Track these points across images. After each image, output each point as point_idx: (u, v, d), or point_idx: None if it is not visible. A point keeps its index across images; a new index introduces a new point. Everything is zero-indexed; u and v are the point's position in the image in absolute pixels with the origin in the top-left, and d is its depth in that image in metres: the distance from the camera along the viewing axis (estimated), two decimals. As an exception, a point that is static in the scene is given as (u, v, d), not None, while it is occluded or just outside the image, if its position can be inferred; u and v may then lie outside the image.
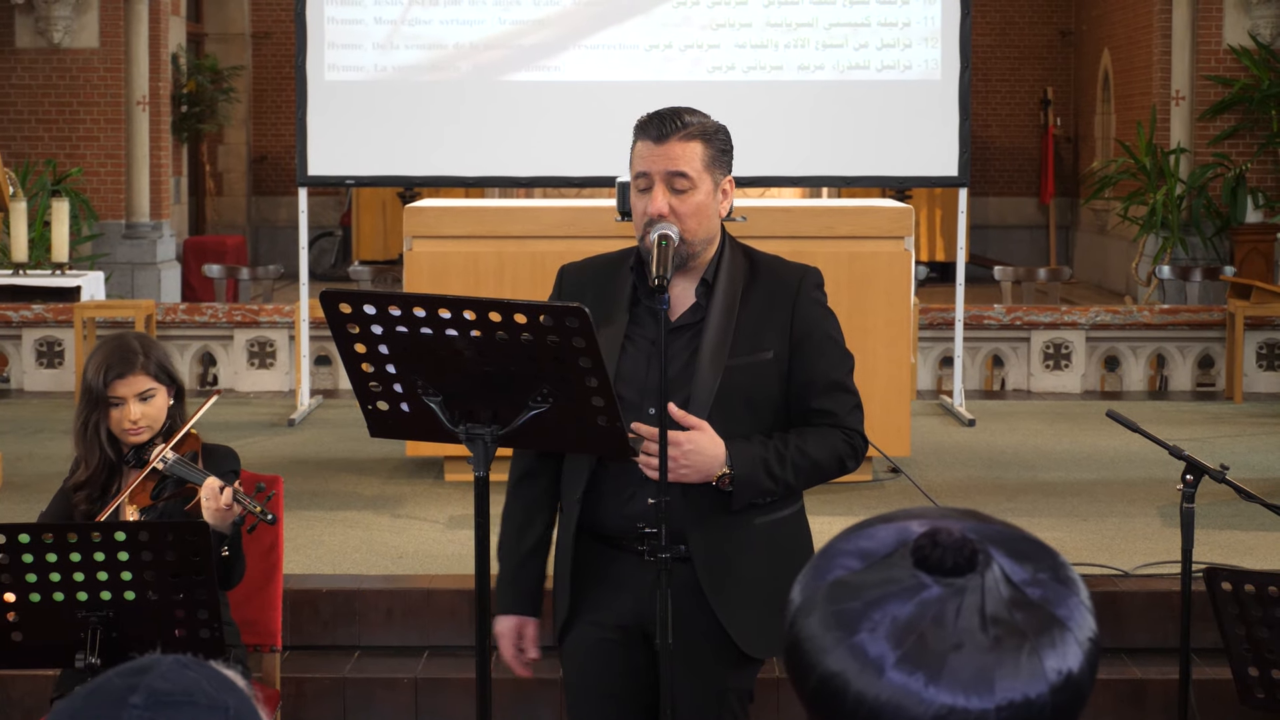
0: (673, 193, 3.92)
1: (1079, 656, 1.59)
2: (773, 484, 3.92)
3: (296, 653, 6.36)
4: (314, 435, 9.98)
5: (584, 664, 4.11)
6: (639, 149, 3.98)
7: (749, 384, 3.98)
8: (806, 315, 4.05)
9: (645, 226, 3.94)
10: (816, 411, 4.01)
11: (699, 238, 3.97)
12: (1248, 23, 16.36)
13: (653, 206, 3.92)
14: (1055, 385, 11.98)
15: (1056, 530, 7.48)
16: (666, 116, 3.97)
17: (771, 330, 4.01)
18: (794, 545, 4.08)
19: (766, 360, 4.00)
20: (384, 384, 3.76)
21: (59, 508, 4.81)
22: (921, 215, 20.00)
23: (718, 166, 3.98)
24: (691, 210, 3.93)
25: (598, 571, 4.06)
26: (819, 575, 1.64)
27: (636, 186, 3.98)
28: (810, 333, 4.04)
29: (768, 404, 4.01)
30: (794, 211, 8.81)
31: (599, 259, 4.18)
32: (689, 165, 3.93)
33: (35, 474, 8.62)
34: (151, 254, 17.22)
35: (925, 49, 9.97)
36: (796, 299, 4.05)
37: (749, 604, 3.99)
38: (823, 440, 3.99)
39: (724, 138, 4.01)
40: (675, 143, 3.93)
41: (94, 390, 4.75)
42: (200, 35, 21.98)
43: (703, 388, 3.96)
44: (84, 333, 11.45)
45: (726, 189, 4.02)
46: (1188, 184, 16.36)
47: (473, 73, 10.04)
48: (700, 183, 3.94)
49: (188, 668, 1.62)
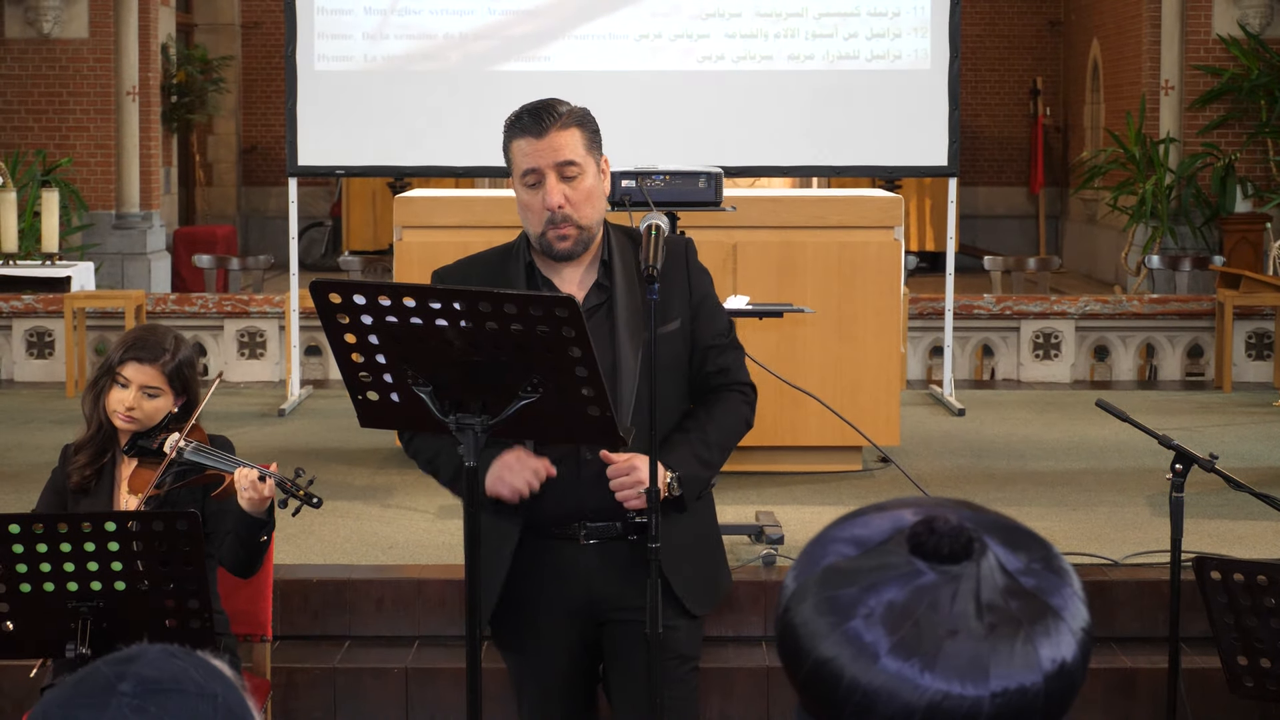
0: (564, 181, 4.02)
1: (1072, 646, 1.59)
2: (708, 471, 4.13)
3: (287, 643, 6.36)
4: (304, 425, 9.97)
5: (534, 657, 4.21)
6: (519, 147, 4.06)
7: (666, 353, 4.09)
8: (698, 281, 4.21)
9: (545, 224, 4.03)
10: (715, 371, 4.19)
11: (594, 220, 4.09)
12: (1236, 12, 16.36)
13: (550, 199, 4.01)
14: (1045, 375, 11.99)
15: (1046, 519, 7.48)
16: (540, 110, 4.07)
17: (674, 300, 4.14)
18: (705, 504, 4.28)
19: (674, 330, 4.14)
20: (374, 374, 3.76)
21: (59, 475, 4.83)
22: (911, 205, 20.01)
23: (595, 148, 4.10)
24: (584, 196, 4.04)
25: (540, 564, 4.14)
26: (813, 562, 1.64)
27: (525, 184, 4.06)
28: (705, 296, 4.21)
29: (681, 370, 4.18)
30: (784, 201, 8.81)
31: (475, 258, 4.24)
32: (574, 152, 4.03)
33: (25, 464, 8.62)
34: (142, 244, 17.20)
35: (915, 39, 9.96)
36: (688, 267, 4.20)
37: (683, 565, 4.15)
38: (728, 408, 4.19)
39: (593, 120, 4.13)
40: (556, 133, 4.03)
41: (109, 361, 4.79)
42: (190, 25, 21.95)
43: (626, 363, 4.06)
44: (74, 323, 11.44)
45: (604, 169, 4.13)
46: (1177, 174, 16.37)
47: (463, 63, 10.03)
48: (586, 167, 4.05)
49: (175, 656, 1.62)
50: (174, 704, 1.57)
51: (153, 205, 17.52)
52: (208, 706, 1.58)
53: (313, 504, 4.56)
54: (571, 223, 4.02)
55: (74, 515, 4.34)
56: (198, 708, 1.58)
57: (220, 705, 1.59)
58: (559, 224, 4.01)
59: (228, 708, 1.59)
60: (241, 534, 4.61)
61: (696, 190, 6.85)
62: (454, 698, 6.13)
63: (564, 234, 4.03)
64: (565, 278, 4.11)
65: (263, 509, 4.57)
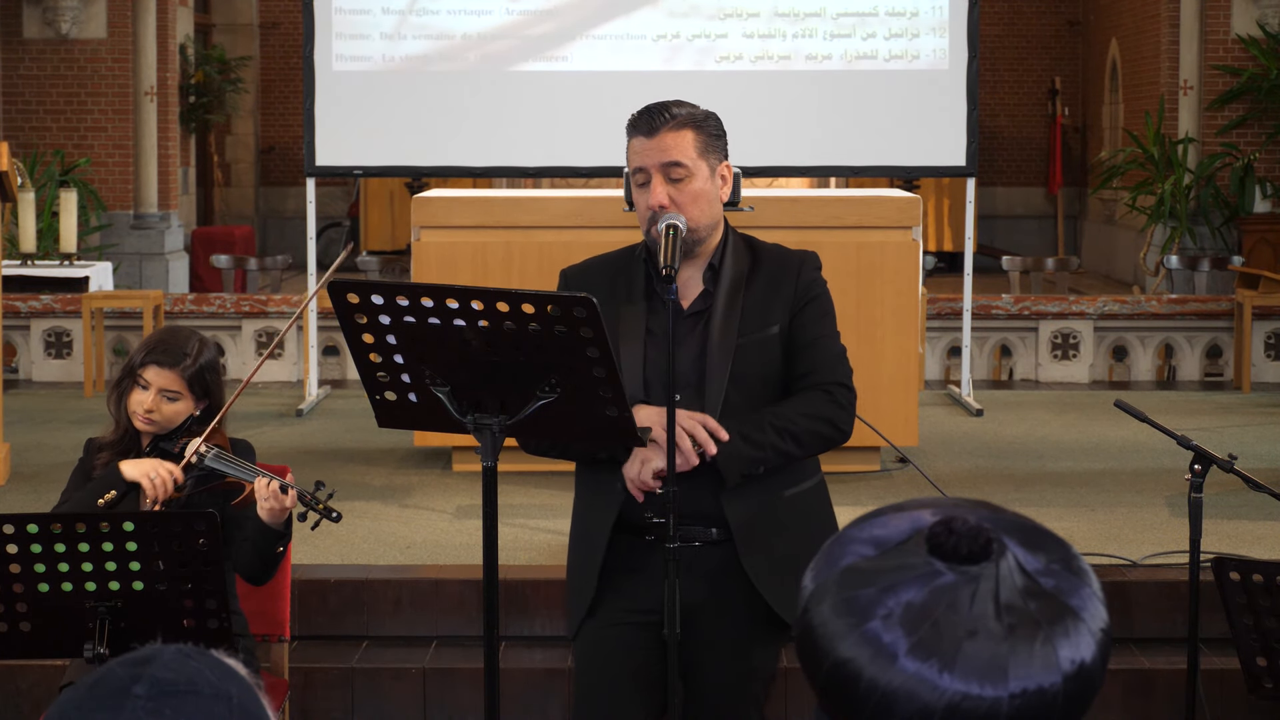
0: (670, 183, 4.01)
1: (1091, 646, 1.58)
2: (757, 451, 3.99)
3: (305, 643, 6.36)
4: (322, 425, 9.98)
5: (603, 653, 4.14)
6: (633, 146, 4.07)
7: (760, 360, 4.07)
8: (808, 287, 4.16)
9: (649, 221, 4.02)
10: (802, 374, 4.12)
11: (702, 224, 4.05)
12: (1256, 12, 16.33)
13: (653, 198, 4.01)
14: (1063, 375, 11.97)
15: (1064, 520, 7.47)
16: (655, 110, 4.06)
17: (777, 305, 4.11)
18: (819, 517, 4.23)
19: (774, 335, 4.10)
20: (391, 374, 3.76)
21: (85, 464, 4.84)
22: (929, 205, 20.00)
23: (712, 152, 4.07)
24: (690, 198, 4.01)
25: (626, 562, 4.10)
26: (831, 562, 1.64)
27: (636, 182, 4.07)
28: (810, 301, 4.15)
29: (779, 379, 4.11)
30: (802, 201, 8.80)
31: (598, 260, 4.24)
32: (682, 154, 4.01)
33: (44, 464, 8.63)
34: (159, 244, 17.22)
35: (933, 38, 9.95)
36: (799, 276, 4.15)
37: (782, 574, 4.06)
38: (802, 399, 4.09)
39: (714, 124, 4.11)
40: (666, 134, 4.02)
41: (131, 362, 4.79)
42: (208, 25, 21.98)
43: (716, 369, 4.04)
44: (92, 323, 11.46)
45: (725, 174, 4.11)
46: (1196, 174, 16.34)
47: (480, 63, 10.04)
48: (696, 170, 4.02)
49: (190, 657, 1.62)
50: (189, 705, 1.56)
51: (171, 205, 17.55)
52: (222, 707, 1.58)
53: (332, 518, 4.56)
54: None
55: (92, 515, 4.34)
56: (213, 709, 1.57)
57: (235, 706, 1.59)
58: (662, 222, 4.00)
59: (243, 708, 1.59)
60: (258, 543, 4.60)
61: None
62: (472, 698, 6.13)
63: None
64: (681, 279, 4.07)
65: (281, 520, 4.57)
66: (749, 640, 4.10)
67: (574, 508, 4.26)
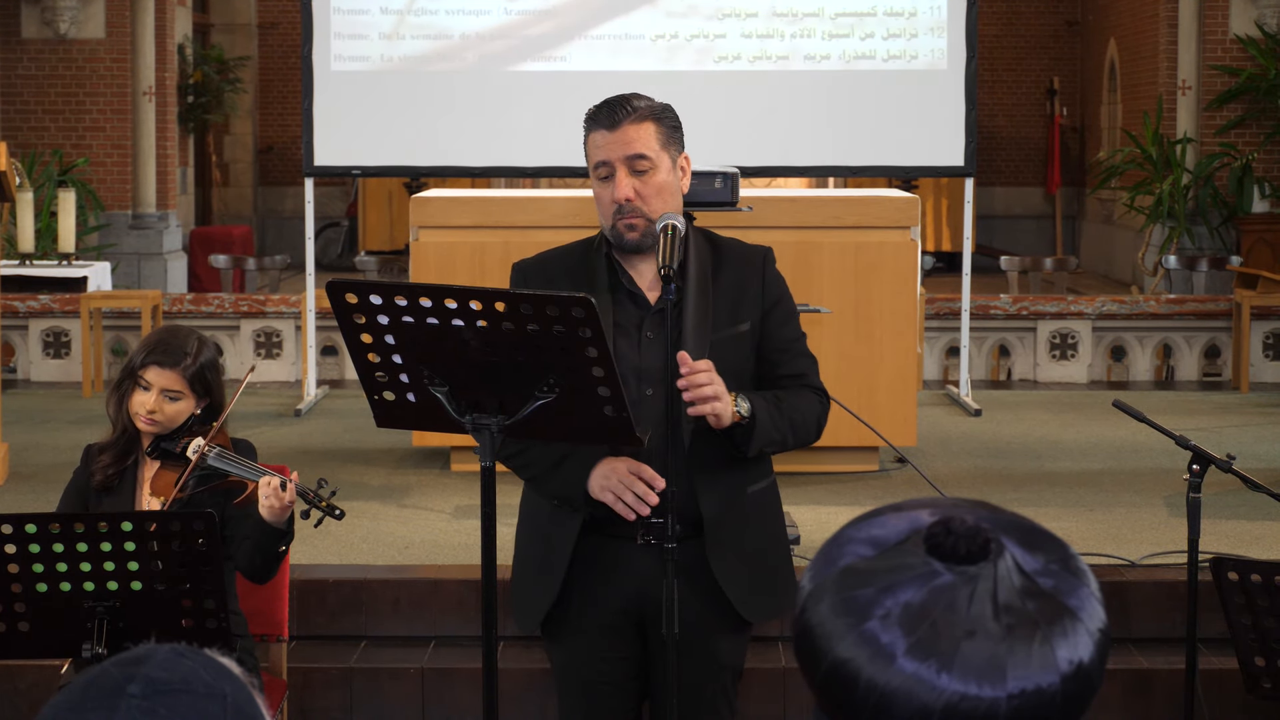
0: (634, 175, 4.02)
1: (1090, 647, 1.58)
2: (776, 433, 4.02)
3: (303, 643, 6.36)
4: (320, 425, 9.98)
5: (579, 652, 4.16)
6: (594, 139, 4.09)
7: (731, 357, 4.07)
8: (773, 287, 4.18)
9: (614, 215, 4.04)
10: (787, 376, 4.14)
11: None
12: (1254, 12, 16.34)
13: (618, 192, 4.03)
14: (1061, 375, 11.97)
15: (1063, 520, 7.47)
16: (615, 103, 4.08)
17: (746, 303, 4.12)
18: (773, 514, 4.24)
19: (744, 332, 4.12)
20: (390, 374, 3.76)
21: (80, 475, 4.83)
22: (928, 205, 20.00)
23: (672, 144, 4.09)
24: (655, 190, 4.04)
25: (595, 561, 4.10)
26: (830, 562, 1.64)
27: (597, 176, 4.09)
28: (778, 301, 4.17)
29: (748, 375, 4.12)
30: (800, 201, 8.80)
31: (555, 252, 4.24)
32: (646, 146, 4.03)
33: (42, 464, 8.63)
34: (158, 244, 17.22)
35: (931, 38, 9.95)
36: (764, 273, 4.17)
37: (743, 571, 4.11)
38: (803, 399, 4.12)
39: (672, 115, 4.13)
40: (629, 126, 4.04)
41: (131, 364, 4.79)
42: (206, 25, 21.98)
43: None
44: (90, 323, 11.45)
45: (684, 166, 4.14)
46: (1194, 174, 16.34)
47: (479, 63, 10.03)
48: (659, 162, 4.04)
49: (184, 656, 1.62)
50: (183, 705, 1.56)
51: (169, 205, 17.55)
52: (217, 706, 1.58)
53: (335, 516, 4.56)
54: (640, 214, 4.02)
55: (91, 515, 4.33)
56: (207, 708, 1.57)
57: (230, 705, 1.59)
58: (626, 214, 4.02)
59: (237, 707, 1.59)
60: (260, 542, 4.60)
61: (713, 190, 6.85)
62: (470, 698, 6.13)
63: (632, 223, 4.03)
64: (641, 271, 4.11)
65: (283, 518, 4.56)
66: (717, 635, 4.12)
67: (521, 506, 4.28)
